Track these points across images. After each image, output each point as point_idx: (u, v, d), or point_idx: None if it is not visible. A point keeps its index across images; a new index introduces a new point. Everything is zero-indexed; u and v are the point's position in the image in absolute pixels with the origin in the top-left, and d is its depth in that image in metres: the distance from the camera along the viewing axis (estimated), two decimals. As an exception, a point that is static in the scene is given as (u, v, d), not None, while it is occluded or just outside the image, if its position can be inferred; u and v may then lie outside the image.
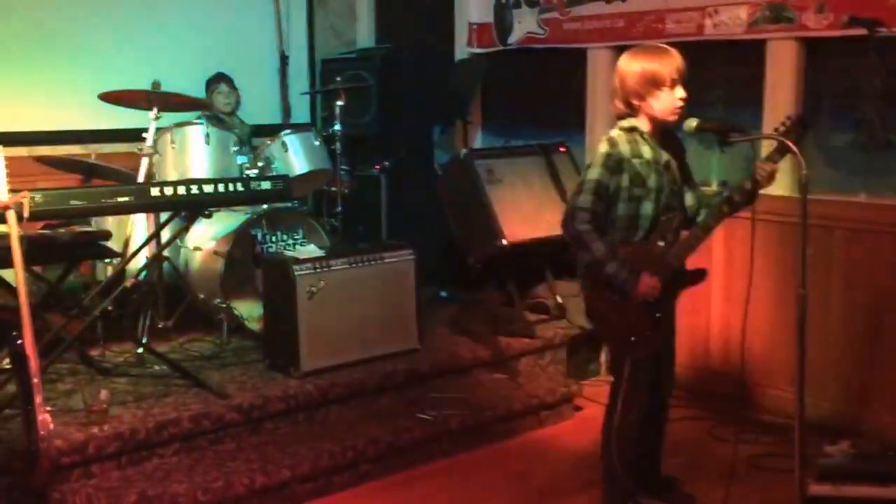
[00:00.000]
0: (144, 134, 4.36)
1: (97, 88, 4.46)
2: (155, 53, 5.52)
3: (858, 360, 4.11)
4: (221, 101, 5.44)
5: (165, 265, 4.53)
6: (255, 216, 4.64)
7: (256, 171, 4.71)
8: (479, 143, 6.10)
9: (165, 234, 4.19)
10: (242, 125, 5.51)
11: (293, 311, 4.06)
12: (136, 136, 4.46)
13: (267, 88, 6.19)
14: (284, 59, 6.26)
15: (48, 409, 3.15)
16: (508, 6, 5.70)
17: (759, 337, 4.30)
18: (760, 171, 3.04)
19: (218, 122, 5.21)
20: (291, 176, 4.62)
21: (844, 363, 4.14)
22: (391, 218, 5.72)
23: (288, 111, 6.29)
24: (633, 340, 3.15)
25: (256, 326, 4.51)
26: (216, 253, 4.57)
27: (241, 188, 3.90)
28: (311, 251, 4.38)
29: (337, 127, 5.14)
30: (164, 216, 4.14)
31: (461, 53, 6.04)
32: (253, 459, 3.63)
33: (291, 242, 4.73)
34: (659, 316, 3.17)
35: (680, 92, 3.10)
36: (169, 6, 5.76)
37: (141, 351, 4.17)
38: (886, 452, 3.44)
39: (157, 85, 4.40)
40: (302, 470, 3.61)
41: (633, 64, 3.11)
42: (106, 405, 3.57)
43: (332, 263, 4.19)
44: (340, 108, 5.17)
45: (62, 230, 4.05)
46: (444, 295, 5.41)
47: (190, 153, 4.68)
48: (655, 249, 3.13)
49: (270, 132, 5.05)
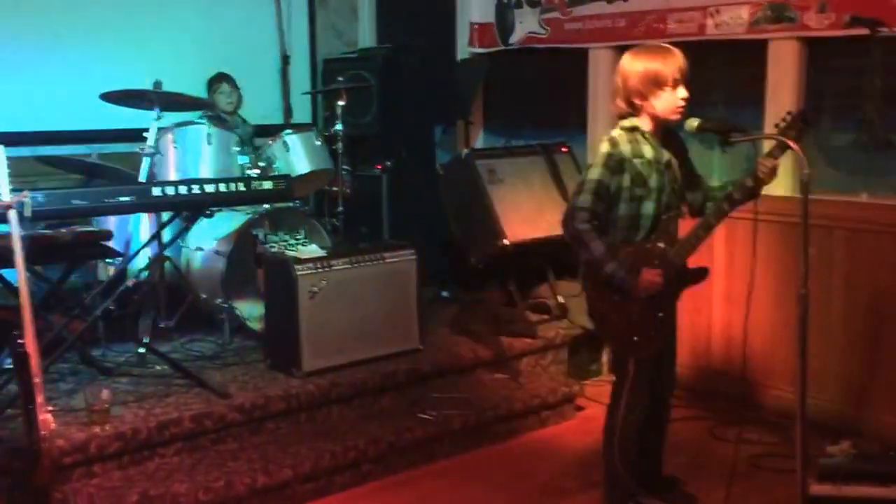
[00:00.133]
0: (146, 134, 4.37)
1: (99, 88, 4.46)
2: (157, 53, 5.52)
3: (859, 359, 4.11)
4: (223, 100, 5.44)
5: (167, 265, 4.52)
6: (256, 216, 4.64)
7: (258, 171, 4.72)
8: (480, 142, 6.11)
9: (167, 234, 4.20)
10: (244, 125, 5.52)
11: (295, 310, 4.06)
12: (137, 135, 4.46)
13: (268, 88, 6.20)
14: (286, 58, 6.27)
15: (50, 408, 3.14)
16: (510, 6, 5.70)
17: (760, 337, 4.30)
18: (762, 167, 3.04)
19: (219, 121, 5.21)
20: (293, 176, 4.61)
21: (845, 363, 4.14)
22: (392, 218, 5.71)
23: (289, 111, 6.29)
24: (635, 340, 3.15)
25: (258, 326, 4.51)
26: (218, 253, 4.58)
27: (242, 188, 3.91)
28: (312, 251, 4.37)
29: (338, 127, 5.13)
30: (165, 216, 4.15)
31: (463, 53, 6.05)
32: (254, 459, 3.63)
33: (293, 242, 4.72)
34: (661, 315, 3.17)
35: (682, 92, 3.10)
36: (171, 6, 5.76)
37: (142, 351, 4.16)
38: (887, 452, 3.43)
39: (158, 85, 4.41)
40: (303, 470, 3.61)
41: (635, 63, 3.12)
42: (107, 405, 3.57)
43: (333, 263, 4.19)
44: (342, 107, 5.16)
45: (63, 230, 4.05)
46: (445, 295, 5.40)
47: (191, 153, 4.69)
48: (657, 249, 3.13)
49: (272, 132, 5.06)
